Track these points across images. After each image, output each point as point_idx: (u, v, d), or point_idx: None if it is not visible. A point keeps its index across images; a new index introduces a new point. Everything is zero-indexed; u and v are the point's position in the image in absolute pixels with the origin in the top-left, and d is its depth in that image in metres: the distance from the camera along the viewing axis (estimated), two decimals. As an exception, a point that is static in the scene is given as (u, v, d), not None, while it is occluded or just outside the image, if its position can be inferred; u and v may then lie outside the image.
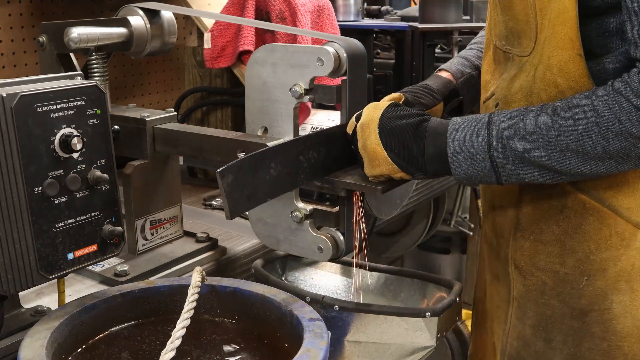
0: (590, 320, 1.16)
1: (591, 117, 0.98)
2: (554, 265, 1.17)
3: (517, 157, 1.03)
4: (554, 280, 1.17)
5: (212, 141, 1.29)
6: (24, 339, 0.95)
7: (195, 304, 0.99)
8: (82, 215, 1.08)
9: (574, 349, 1.18)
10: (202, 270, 1.10)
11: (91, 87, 1.07)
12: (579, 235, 1.14)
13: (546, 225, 1.17)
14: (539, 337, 1.21)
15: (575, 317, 1.17)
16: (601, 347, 1.16)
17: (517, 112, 1.05)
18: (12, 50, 1.93)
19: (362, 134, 1.11)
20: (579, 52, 1.04)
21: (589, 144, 0.98)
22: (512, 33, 1.15)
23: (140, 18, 1.39)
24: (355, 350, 1.30)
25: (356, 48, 1.17)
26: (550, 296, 1.18)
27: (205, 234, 1.47)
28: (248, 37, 1.83)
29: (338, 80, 1.18)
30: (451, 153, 1.06)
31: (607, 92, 0.98)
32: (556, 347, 1.19)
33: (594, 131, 0.97)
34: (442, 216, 2.81)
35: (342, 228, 1.19)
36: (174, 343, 0.89)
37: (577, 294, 1.16)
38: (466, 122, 1.08)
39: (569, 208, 1.14)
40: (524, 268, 1.21)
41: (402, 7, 2.87)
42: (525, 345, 1.23)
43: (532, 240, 1.19)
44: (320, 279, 1.54)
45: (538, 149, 1.01)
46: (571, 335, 1.17)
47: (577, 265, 1.15)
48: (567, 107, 1.01)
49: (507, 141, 1.03)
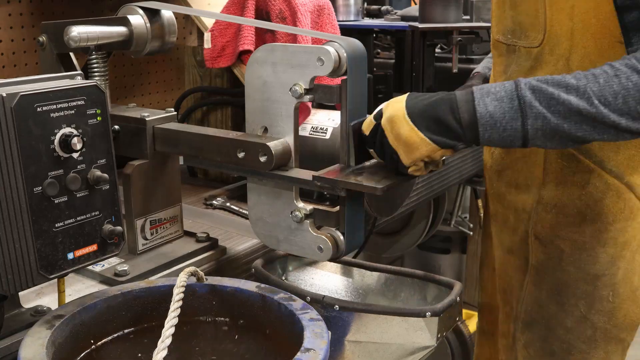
0: (601, 284, 1.31)
1: (610, 72, 1.04)
2: (574, 234, 1.30)
3: (545, 97, 1.05)
4: (572, 248, 1.31)
5: (212, 141, 1.29)
6: (24, 339, 0.95)
7: (181, 302, 0.99)
8: (82, 215, 1.08)
9: (584, 311, 1.32)
10: (196, 270, 1.10)
11: (91, 87, 1.07)
12: (599, 208, 1.27)
13: (569, 200, 1.29)
14: (553, 301, 1.35)
15: (588, 281, 1.31)
16: (607, 309, 1.32)
17: (543, 76, 1.10)
18: (12, 50, 1.93)
19: (392, 126, 1.11)
20: (619, 39, 1.15)
21: (610, 94, 1.03)
22: (520, 27, 1.26)
23: (140, 17, 1.39)
24: (356, 350, 1.30)
25: (356, 48, 1.17)
26: (567, 263, 1.32)
27: (205, 234, 1.47)
28: (248, 37, 1.83)
29: (338, 80, 1.18)
30: (478, 97, 1.08)
31: (622, 58, 1.06)
32: (568, 310, 1.34)
33: (614, 82, 1.03)
34: (442, 216, 2.81)
35: (342, 228, 1.19)
36: (165, 342, 0.89)
37: (592, 260, 1.30)
38: (491, 83, 1.13)
39: (592, 184, 1.26)
40: (545, 238, 1.33)
41: (402, 7, 2.87)
42: (539, 309, 1.37)
43: (554, 213, 1.31)
44: (320, 278, 1.54)
45: (567, 94, 1.04)
46: (583, 298, 1.32)
47: (595, 234, 1.29)
48: (589, 71, 1.07)
49: (536, 86, 1.06)
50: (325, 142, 1.62)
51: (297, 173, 1.21)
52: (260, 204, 1.27)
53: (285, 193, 1.23)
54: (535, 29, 1.22)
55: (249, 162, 1.22)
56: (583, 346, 1.34)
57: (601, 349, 1.34)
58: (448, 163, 2.04)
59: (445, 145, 1.09)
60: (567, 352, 1.36)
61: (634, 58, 1.04)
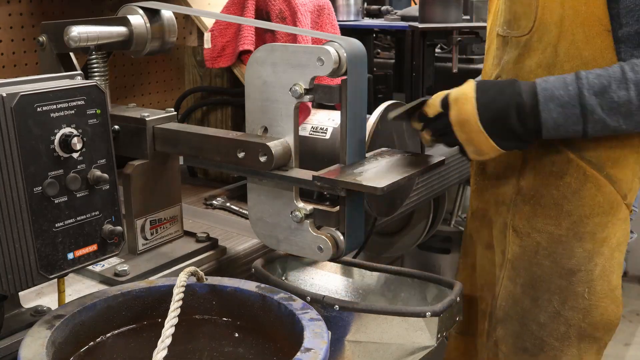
0: (576, 280, 1.29)
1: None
2: (550, 227, 1.29)
3: (607, 103, 1.10)
4: (548, 241, 1.29)
5: (212, 141, 1.29)
6: (24, 339, 0.95)
7: (181, 302, 0.99)
8: (82, 215, 1.08)
9: (558, 306, 1.30)
10: (196, 270, 1.10)
11: (91, 87, 1.07)
12: (577, 200, 1.26)
13: (546, 190, 1.28)
14: (527, 295, 1.33)
15: (563, 276, 1.29)
16: (582, 306, 1.29)
17: (601, 69, 1.14)
18: (12, 50, 1.93)
19: (463, 128, 1.20)
20: (607, 28, 1.17)
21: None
22: (514, 17, 1.28)
23: (140, 17, 1.39)
24: (356, 350, 1.30)
25: (356, 48, 1.17)
26: (542, 256, 1.31)
27: (205, 234, 1.47)
28: (248, 37, 1.83)
29: (338, 80, 1.18)
30: (542, 102, 1.14)
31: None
32: (542, 305, 1.32)
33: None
34: (442, 216, 2.81)
35: (342, 228, 1.19)
36: (165, 342, 0.89)
37: (568, 255, 1.28)
38: (554, 80, 1.17)
39: (570, 175, 1.26)
40: (522, 230, 1.33)
41: (402, 7, 2.87)
42: (513, 304, 1.36)
43: (531, 204, 1.31)
44: (320, 278, 1.54)
45: (627, 92, 1.09)
46: (557, 293, 1.30)
47: (572, 227, 1.27)
48: (630, 61, 1.12)
49: (599, 90, 1.11)
50: (325, 142, 1.62)
51: (297, 173, 1.21)
52: (260, 204, 1.27)
53: (285, 193, 1.23)
54: (527, 17, 1.24)
55: (249, 162, 1.22)
56: (556, 343, 1.32)
57: (574, 347, 1.32)
58: (448, 163, 2.04)
59: (510, 148, 1.19)
60: (540, 349, 1.34)
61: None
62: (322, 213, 1.22)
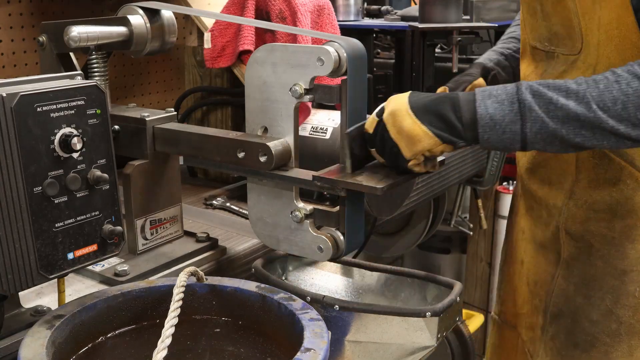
0: (628, 280, 1.32)
1: (611, 77, 1.04)
2: (603, 229, 1.32)
3: (544, 102, 1.06)
4: (602, 243, 1.32)
5: (212, 141, 1.29)
6: (24, 339, 0.95)
7: (181, 302, 0.99)
8: (82, 215, 1.08)
9: (610, 305, 1.34)
10: (196, 270, 1.10)
11: (91, 87, 1.07)
12: (630, 205, 1.28)
13: (599, 196, 1.30)
14: (580, 294, 1.37)
15: (616, 276, 1.32)
16: (633, 304, 1.32)
17: (545, 80, 1.11)
18: (12, 50, 1.93)
19: (394, 120, 1.13)
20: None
21: (609, 99, 1.03)
22: (556, 36, 1.26)
23: (140, 17, 1.39)
24: (356, 350, 1.30)
25: (356, 48, 1.17)
26: (596, 257, 1.33)
27: (205, 234, 1.47)
28: (248, 37, 1.83)
29: (338, 80, 1.18)
30: (479, 99, 1.10)
31: (626, 65, 1.06)
32: (594, 303, 1.35)
33: (614, 88, 1.03)
34: (442, 216, 2.81)
35: (342, 228, 1.19)
36: (165, 342, 0.89)
37: (621, 256, 1.31)
38: (495, 86, 1.13)
39: (623, 182, 1.27)
40: (576, 233, 1.35)
41: (402, 7, 2.87)
42: (566, 301, 1.39)
43: (584, 208, 1.33)
44: (320, 278, 1.54)
45: (567, 99, 1.05)
46: (610, 292, 1.33)
47: (624, 230, 1.30)
48: (592, 76, 1.08)
49: (537, 89, 1.07)
50: (325, 142, 1.62)
51: (297, 173, 1.21)
52: (260, 204, 1.27)
53: (285, 193, 1.23)
54: (572, 38, 1.22)
55: (249, 162, 1.22)
56: (607, 339, 1.35)
57: (625, 343, 1.35)
58: (448, 163, 2.04)
59: (446, 140, 1.11)
60: (591, 345, 1.37)
61: (636, 64, 1.03)
62: (322, 213, 1.21)
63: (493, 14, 2.37)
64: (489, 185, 2.53)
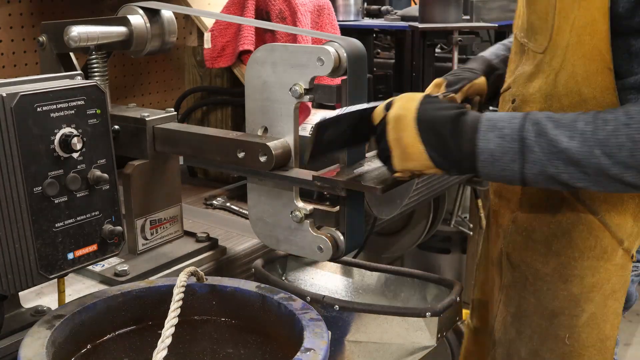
0: (558, 323, 1.22)
1: (622, 118, 0.96)
2: (538, 263, 1.23)
3: (547, 142, 0.99)
4: (534, 277, 1.23)
5: (212, 141, 1.29)
6: (24, 339, 0.95)
7: (181, 302, 0.99)
8: (82, 215, 1.08)
9: (537, 345, 1.24)
10: (196, 270, 1.10)
11: (91, 87, 1.07)
12: (566, 240, 1.19)
13: (538, 225, 1.22)
14: (514, 327, 1.29)
15: (545, 316, 1.23)
16: (562, 351, 1.22)
17: (560, 113, 1.03)
18: (12, 50, 1.93)
19: (396, 125, 1.07)
20: (609, 65, 1.06)
21: (615, 145, 0.96)
22: (531, 27, 1.19)
23: (140, 17, 1.39)
24: (356, 350, 1.30)
25: (356, 48, 1.17)
26: (529, 292, 1.25)
27: (205, 234, 1.47)
28: (248, 37, 1.83)
29: (338, 80, 1.18)
30: (483, 129, 1.03)
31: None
32: (524, 340, 1.27)
33: (622, 132, 0.95)
34: (442, 216, 2.81)
35: (342, 228, 1.19)
36: (165, 342, 0.89)
37: (552, 295, 1.22)
38: (503, 113, 1.06)
39: (562, 213, 1.18)
40: (514, 261, 1.27)
41: (402, 7, 2.87)
42: (504, 331, 1.31)
43: (524, 236, 1.25)
44: (320, 278, 1.54)
45: (570, 140, 0.98)
46: (538, 332, 1.24)
47: (558, 268, 1.20)
48: (606, 112, 1.00)
49: (542, 127, 1.00)
50: (325, 142, 1.62)
51: (297, 173, 1.21)
52: (260, 204, 1.27)
53: (285, 193, 1.23)
54: (542, 34, 1.15)
55: (249, 162, 1.22)
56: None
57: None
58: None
59: (439, 165, 1.06)
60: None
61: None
62: (322, 213, 1.21)
63: (493, 14, 2.37)
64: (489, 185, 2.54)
